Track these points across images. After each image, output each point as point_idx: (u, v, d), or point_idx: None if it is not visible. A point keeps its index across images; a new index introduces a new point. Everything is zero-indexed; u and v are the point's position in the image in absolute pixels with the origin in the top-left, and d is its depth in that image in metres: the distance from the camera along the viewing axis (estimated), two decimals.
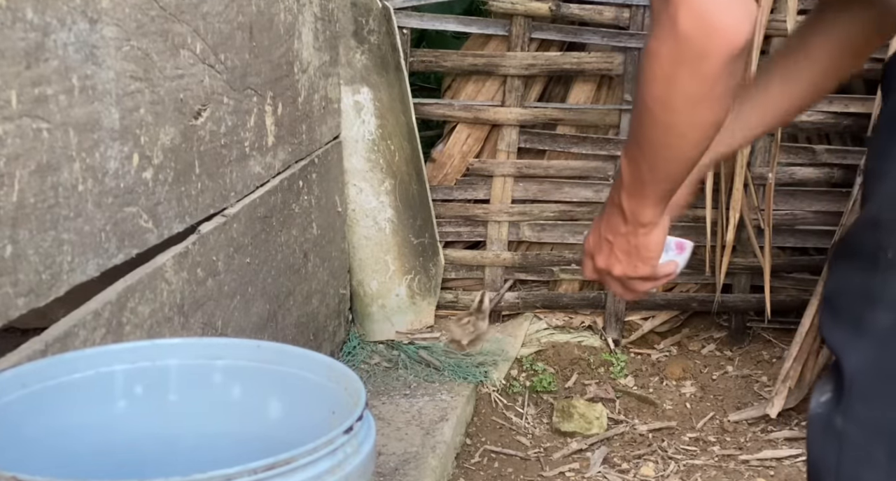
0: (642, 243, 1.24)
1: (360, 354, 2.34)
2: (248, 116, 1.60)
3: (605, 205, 1.26)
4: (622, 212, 1.22)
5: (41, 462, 0.89)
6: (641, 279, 1.28)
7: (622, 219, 1.23)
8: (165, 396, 1.01)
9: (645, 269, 1.25)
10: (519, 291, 2.53)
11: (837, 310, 1.13)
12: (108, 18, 1.13)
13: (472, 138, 2.42)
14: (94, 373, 0.97)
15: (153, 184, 1.27)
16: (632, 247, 1.25)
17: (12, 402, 0.89)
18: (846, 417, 1.09)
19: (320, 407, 0.95)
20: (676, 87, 1.06)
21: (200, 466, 0.77)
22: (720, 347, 2.57)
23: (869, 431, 1.07)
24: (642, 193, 1.18)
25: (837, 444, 1.09)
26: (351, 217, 2.34)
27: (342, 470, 0.80)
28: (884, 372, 1.06)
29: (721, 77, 1.04)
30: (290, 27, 1.81)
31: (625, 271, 1.27)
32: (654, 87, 1.08)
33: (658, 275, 1.29)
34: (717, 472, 2.07)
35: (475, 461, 2.08)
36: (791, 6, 2.25)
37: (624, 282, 1.29)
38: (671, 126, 1.11)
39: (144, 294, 1.24)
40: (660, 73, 1.07)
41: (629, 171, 1.18)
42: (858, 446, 1.08)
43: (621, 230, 1.24)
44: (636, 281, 1.28)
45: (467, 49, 2.40)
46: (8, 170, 0.96)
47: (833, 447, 1.10)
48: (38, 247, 1.01)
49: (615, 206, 1.23)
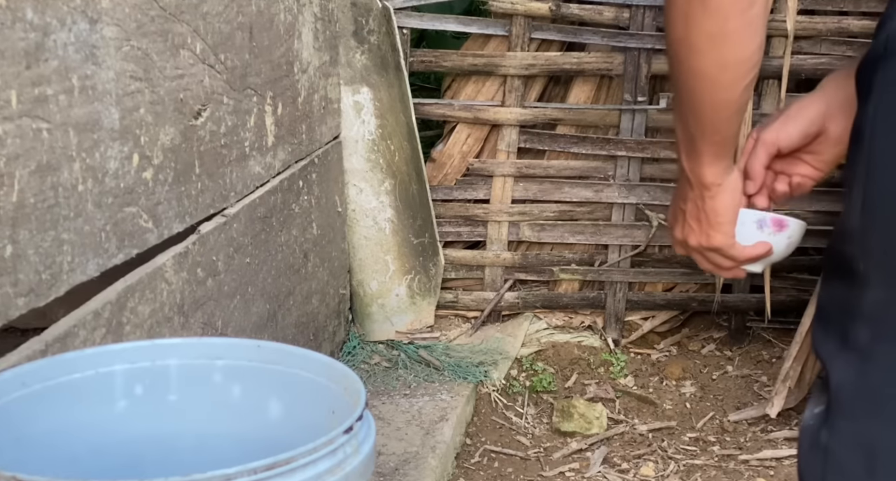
0: (709, 207, 1.22)
1: (359, 354, 2.35)
2: (248, 116, 1.60)
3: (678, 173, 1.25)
4: (686, 176, 1.22)
5: (41, 462, 0.89)
6: (718, 252, 1.25)
7: (688, 184, 1.22)
8: (165, 396, 1.01)
9: (718, 238, 1.23)
10: (519, 291, 2.53)
11: (826, 323, 1.13)
12: (108, 18, 1.13)
13: (472, 138, 2.42)
14: (94, 373, 0.97)
15: (153, 184, 1.27)
16: (701, 212, 1.23)
17: (12, 402, 0.89)
18: (830, 432, 1.10)
19: (320, 407, 0.95)
20: (693, 26, 1.08)
21: (200, 466, 0.77)
22: (720, 347, 2.57)
23: (849, 446, 1.08)
24: (696, 150, 1.18)
25: (822, 458, 1.10)
26: (351, 217, 2.34)
27: (342, 470, 0.80)
28: (864, 387, 1.07)
29: (730, 8, 1.05)
30: (290, 27, 1.81)
31: (699, 241, 1.25)
32: (675, 29, 1.10)
33: (741, 254, 1.26)
34: (717, 472, 2.07)
35: (475, 461, 2.08)
36: (791, 6, 2.24)
37: (704, 254, 1.27)
38: (699, 69, 1.12)
39: (144, 294, 1.24)
40: (677, 13, 1.09)
41: (680, 130, 1.20)
42: (840, 461, 1.08)
43: (689, 195, 1.23)
44: (715, 255, 1.26)
45: (467, 49, 2.40)
46: (8, 170, 0.96)
47: (819, 461, 1.11)
48: (38, 247, 1.01)
49: (681, 172, 1.23)
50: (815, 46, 2.36)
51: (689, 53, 1.12)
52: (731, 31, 1.08)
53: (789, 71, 2.30)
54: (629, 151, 2.42)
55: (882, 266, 1.07)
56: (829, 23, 2.34)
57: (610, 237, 2.49)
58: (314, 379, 0.97)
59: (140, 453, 1.00)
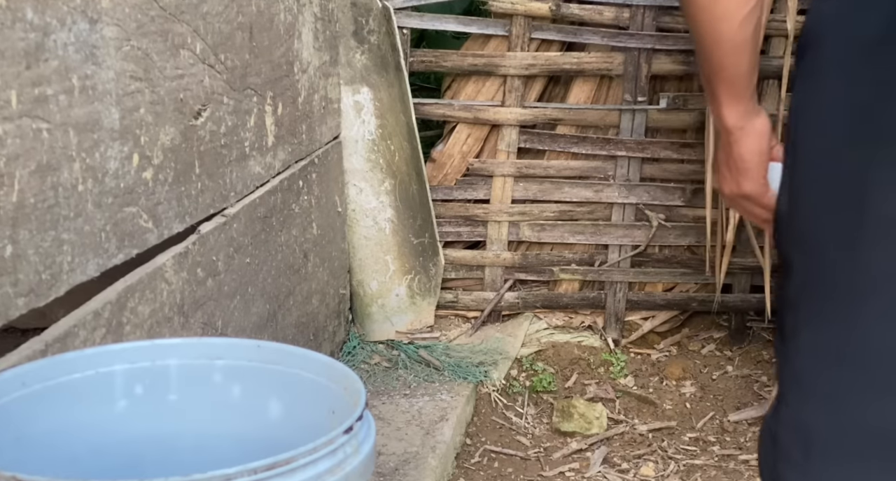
0: (735, 153, 1.24)
1: (359, 354, 2.35)
2: (248, 116, 1.60)
3: None
4: (716, 123, 1.27)
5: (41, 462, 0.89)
6: (751, 200, 1.26)
7: (719, 131, 1.26)
8: (165, 396, 1.01)
9: (748, 185, 1.25)
10: (519, 291, 2.53)
11: (775, 316, 1.20)
12: (108, 18, 1.13)
13: (472, 138, 2.42)
14: (94, 373, 0.97)
15: (153, 184, 1.27)
16: (730, 159, 1.26)
17: (12, 402, 0.89)
18: (776, 421, 1.17)
19: (320, 407, 0.95)
20: None
21: (200, 466, 0.77)
22: (720, 347, 2.57)
23: (790, 432, 1.14)
24: (713, 92, 1.22)
25: (772, 446, 1.17)
26: (351, 217, 2.34)
27: (342, 470, 0.80)
28: (792, 374, 1.14)
29: None
30: (290, 27, 1.81)
31: (731, 188, 1.28)
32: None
33: (769, 201, 1.26)
34: (717, 472, 2.07)
35: (475, 461, 2.08)
36: (791, 6, 2.24)
37: (739, 203, 1.29)
38: (706, 7, 1.16)
39: (144, 294, 1.24)
40: None
41: (703, 77, 1.25)
42: (785, 448, 1.15)
43: (721, 143, 1.27)
44: (750, 203, 1.27)
45: (467, 49, 2.40)
46: (8, 170, 0.96)
47: (770, 449, 1.17)
48: (38, 247, 1.01)
49: (714, 122, 1.28)
50: None
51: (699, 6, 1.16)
52: None
53: (789, 71, 2.30)
54: (629, 151, 2.42)
55: (802, 250, 1.13)
56: None
57: (610, 237, 2.49)
58: (314, 379, 0.97)
59: (140, 453, 1.00)
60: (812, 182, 1.12)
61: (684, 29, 2.36)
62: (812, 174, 1.12)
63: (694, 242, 2.51)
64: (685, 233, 2.50)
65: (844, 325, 1.10)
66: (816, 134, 1.11)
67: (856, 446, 1.10)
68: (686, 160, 2.46)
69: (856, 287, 1.08)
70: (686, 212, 2.48)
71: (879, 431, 1.09)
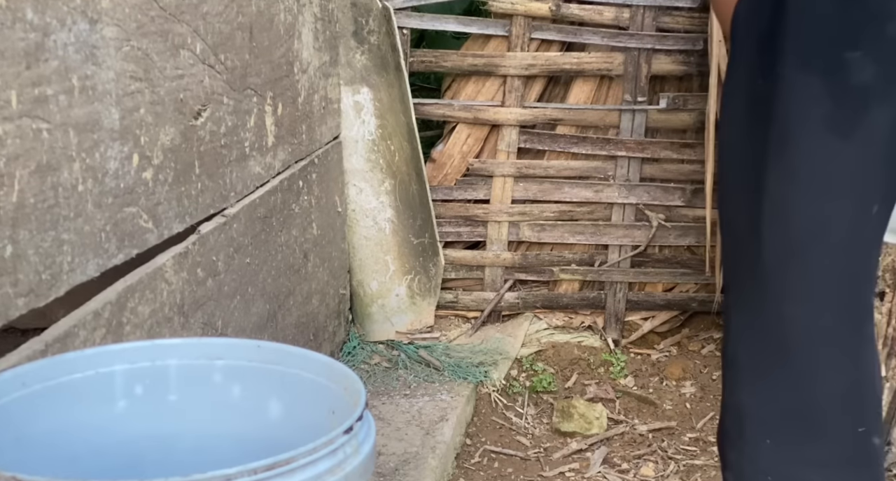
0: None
1: (360, 354, 2.34)
2: (248, 116, 1.60)
3: None
4: None
5: (41, 462, 0.89)
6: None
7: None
8: (165, 396, 1.01)
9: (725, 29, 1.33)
10: (519, 291, 2.53)
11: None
12: (108, 18, 1.13)
13: (472, 138, 2.42)
14: (93, 373, 0.97)
15: (153, 185, 1.27)
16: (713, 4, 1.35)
17: (12, 402, 0.89)
18: (722, 403, 1.28)
19: (320, 407, 0.95)
20: None
21: (200, 466, 0.77)
22: (720, 347, 2.57)
23: (729, 413, 1.24)
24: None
25: (721, 426, 1.28)
26: (351, 217, 2.34)
27: (342, 470, 0.80)
28: (730, 359, 1.23)
29: None
30: (290, 27, 1.81)
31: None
32: None
33: None
34: (717, 472, 2.07)
35: (475, 461, 2.08)
36: None
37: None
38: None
39: (144, 294, 1.24)
40: None
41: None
42: (725, 427, 1.25)
43: None
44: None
45: (467, 49, 2.40)
46: (8, 170, 0.96)
47: (720, 430, 1.28)
48: (38, 247, 1.01)
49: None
50: None
51: None
52: None
53: None
54: (629, 151, 2.42)
55: (725, 232, 1.24)
56: None
57: (610, 237, 2.48)
58: (314, 380, 0.97)
59: (140, 453, 1.00)
60: (727, 166, 1.23)
61: (684, 29, 2.36)
62: (726, 158, 1.23)
63: (694, 242, 2.51)
64: (685, 233, 2.50)
65: (756, 307, 1.19)
66: (729, 120, 1.22)
67: (777, 423, 1.19)
68: (686, 160, 2.46)
69: (760, 270, 1.17)
70: (686, 212, 2.48)
71: (794, 408, 1.18)
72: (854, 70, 1.10)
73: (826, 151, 1.12)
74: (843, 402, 1.17)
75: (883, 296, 2.07)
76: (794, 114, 1.12)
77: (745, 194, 1.17)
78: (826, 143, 1.12)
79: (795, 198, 1.14)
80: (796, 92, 1.12)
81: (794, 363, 1.17)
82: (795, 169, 1.13)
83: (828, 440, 1.18)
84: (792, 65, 1.12)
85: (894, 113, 1.11)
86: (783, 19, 1.12)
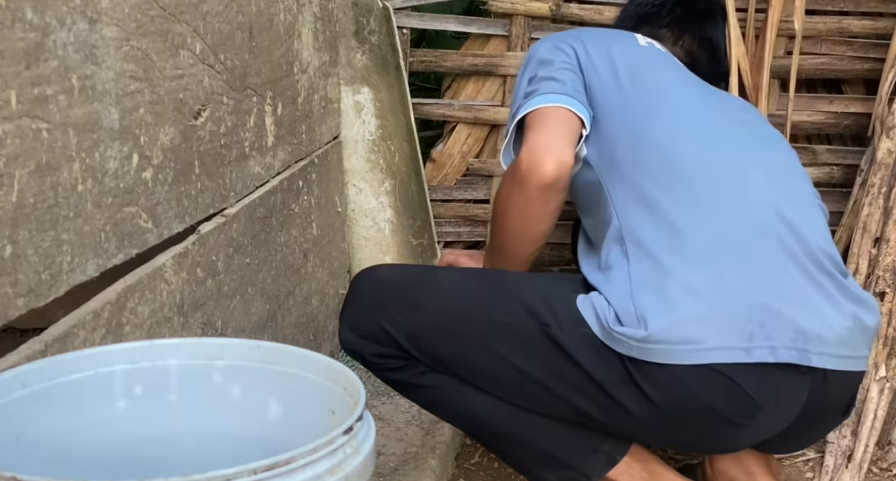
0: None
1: None
2: (247, 116, 1.60)
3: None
4: (486, 260, 1.84)
5: (41, 462, 0.89)
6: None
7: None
8: (165, 396, 1.01)
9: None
10: None
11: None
12: (108, 18, 1.13)
13: (471, 138, 2.42)
14: (93, 373, 0.97)
15: (153, 184, 1.27)
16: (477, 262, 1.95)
17: (12, 402, 0.89)
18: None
19: (320, 407, 0.95)
20: (510, 201, 1.58)
21: (200, 466, 0.77)
22: None
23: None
24: (498, 260, 1.76)
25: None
26: (350, 217, 2.34)
27: (342, 470, 0.80)
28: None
29: (536, 199, 1.54)
30: (289, 27, 1.81)
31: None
32: (500, 198, 1.62)
33: None
34: None
35: (475, 461, 2.08)
36: (798, 5, 2.22)
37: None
38: (507, 230, 1.64)
39: (144, 294, 1.24)
40: (504, 188, 1.61)
41: (487, 253, 1.82)
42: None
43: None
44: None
45: (467, 49, 2.40)
46: (7, 170, 0.96)
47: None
48: (37, 247, 1.01)
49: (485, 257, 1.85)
50: (816, 46, 2.36)
51: (503, 217, 1.62)
52: (533, 213, 1.57)
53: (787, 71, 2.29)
54: None
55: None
56: (830, 23, 2.34)
57: None
58: (314, 380, 0.97)
59: (140, 453, 1.00)
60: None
61: None
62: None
63: None
64: None
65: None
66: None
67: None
68: None
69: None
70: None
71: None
72: None
73: None
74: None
75: (883, 296, 2.07)
76: None
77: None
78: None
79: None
80: None
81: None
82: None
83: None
84: None
85: None
86: None
